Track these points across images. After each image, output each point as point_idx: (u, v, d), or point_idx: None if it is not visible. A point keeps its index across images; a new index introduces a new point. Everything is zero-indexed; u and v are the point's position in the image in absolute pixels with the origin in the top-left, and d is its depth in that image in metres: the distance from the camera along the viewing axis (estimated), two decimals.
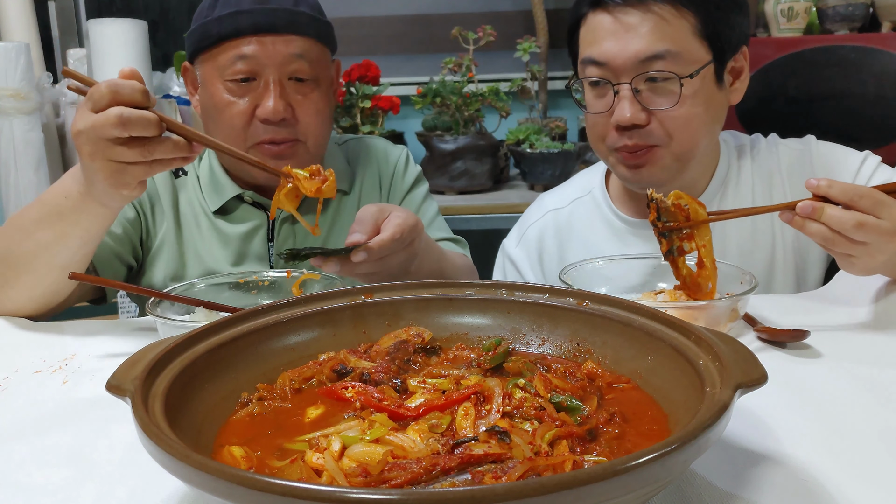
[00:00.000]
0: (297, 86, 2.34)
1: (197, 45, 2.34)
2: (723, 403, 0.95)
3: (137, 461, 1.28)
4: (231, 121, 2.31)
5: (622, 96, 2.20)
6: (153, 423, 0.96)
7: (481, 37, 4.66)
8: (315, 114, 2.36)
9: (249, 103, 2.30)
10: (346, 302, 1.51)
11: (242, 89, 2.30)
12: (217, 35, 2.27)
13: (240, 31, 2.26)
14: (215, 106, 2.33)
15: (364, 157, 2.76)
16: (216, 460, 0.98)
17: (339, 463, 1.02)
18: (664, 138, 2.21)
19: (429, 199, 2.82)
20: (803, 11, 4.43)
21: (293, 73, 2.32)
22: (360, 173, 2.72)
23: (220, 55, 2.30)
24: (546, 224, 2.68)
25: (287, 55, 2.28)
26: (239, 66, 2.27)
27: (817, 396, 1.50)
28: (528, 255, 2.68)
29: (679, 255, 1.92)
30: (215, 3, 2.30)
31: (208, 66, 2.34)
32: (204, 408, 1.19)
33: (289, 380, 1.33)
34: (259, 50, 2.26)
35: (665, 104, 2.17)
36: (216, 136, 2.37)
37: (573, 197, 2.67)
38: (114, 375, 1.11)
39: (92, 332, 2.03)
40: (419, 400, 1.22)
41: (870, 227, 1.70)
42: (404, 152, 2.85)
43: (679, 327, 1.25)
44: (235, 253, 2.48)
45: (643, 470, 0.82)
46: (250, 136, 2.32)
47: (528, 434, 1.08)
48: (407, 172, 2.79)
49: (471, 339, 1.51)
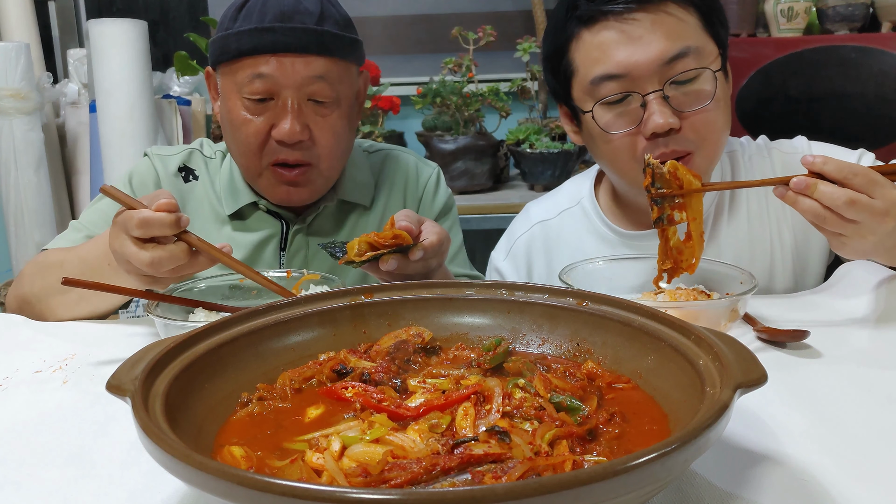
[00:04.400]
0: (315, 107, 2.27)
1: (217, 56, 2.29)
2: (723, 403, 0.95)
3: (138, 461, 1.28)
4: (247, 139, 2.27)
5: (653, 105, 2.09)
6: (153, 423, 0.96)
7: (481, 37, 4.66)
8: (332, 136, 2.31)
9: (266, 122, 2.25)
10: (346, 302, 1.51)
11: (260, 108, 2.24)
12: (236, 51, 2.22)
13: (259, 48, 2.19)
14: (232, 122, 2.29)
15: (392, 172, 2.69)
16: (216, 460, 0.98)
17: (339, 463, 1.02)
18: (697, 142, 2.13)
19: (455, 230, 2.74)
20: (803, 11, 4.43)
21: (312, 95, 2.25)
22: (386, 189, 2.65)
23: (238, 71, 2.24)
24: (534, 236, 2.62)
25: (307, 77, 2.21)
26: (257, 84, 2.21)
27: (817, 396, 1.50)
28: (515, 269, 2.63)
29: (669, 224, 1.91)
30: (237, 15, 2.23)
31: (227, 80, 2.29)
32: (204, 408, 1.19)
33: (289, 380, 1.33)
34: (278, 70, 2.20)
35: (696, 104, 2.11)
36: (233, 150, 2.37)
37: (562, 208, 2.61)
38: (114, 375, 1.11)
39: (92, 332, 2.03)
40: (419, 400, 1.22)
41: (861, 205, 1.69)
42: (436, 172, 2.76)
43: (679, 327, 1.25)
44: (246, 261, 2.44)
45: (643, 470, 0.82)
46: (266, 155, 2.28)
47: (528, 434, 1.08)
48: (437, 195, 2.72)
49: (471, 338, 1.51)
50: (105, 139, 4.26)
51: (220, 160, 2.56)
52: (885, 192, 1.71)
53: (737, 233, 2.37)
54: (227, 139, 2.39)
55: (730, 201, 2.39)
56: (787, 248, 2.37)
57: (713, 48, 2.14)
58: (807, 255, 2.37)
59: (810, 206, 1.74)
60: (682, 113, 2.10)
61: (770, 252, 2.38)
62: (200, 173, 2.54)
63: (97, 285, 1.87)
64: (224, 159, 2.56)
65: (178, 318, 1.86)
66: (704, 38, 2.12)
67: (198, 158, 2.56)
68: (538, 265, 2.60)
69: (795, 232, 2.35)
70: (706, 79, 2.11)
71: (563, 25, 2.21)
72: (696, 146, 2.13)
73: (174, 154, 2.56)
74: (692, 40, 2.09)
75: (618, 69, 2.11)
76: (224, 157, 2.56)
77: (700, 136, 2.12)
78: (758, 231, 2.37)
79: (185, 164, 2.54)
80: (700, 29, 2.12)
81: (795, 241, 2.36)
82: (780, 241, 2.37)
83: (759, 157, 2.44)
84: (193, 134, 4.71)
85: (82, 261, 2.08)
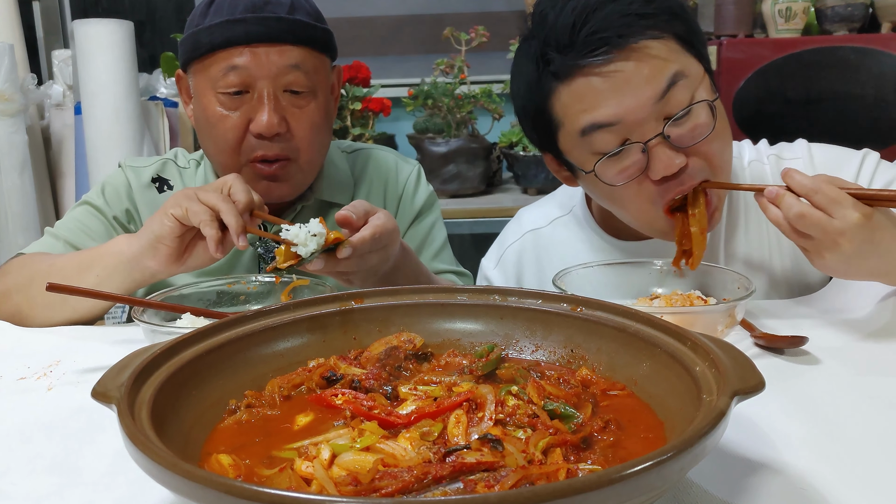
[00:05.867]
0: (292, 98, 2.27)
1: (188, 54, 2.30)
2: (720, 411, 0.95)
3: (124, 470, 1.28)
4: (224, 135, 2.26)
5: (657, 149, 1.99)
6: (140, 431, 0.96)
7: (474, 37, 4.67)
8: (310, 127, 2.31)
9: (242, 117, 2.25)
10: (336, 307, 1.51)
11: (235, 102, 2.24)
12: (208, 45, 2.22)
13: (231, 41, 2.20)
14: (208, 119, 2.28)
15: (371, 171, 2.68)
16: (204, 469, 0.98)
17: (329, 471, 1.02)
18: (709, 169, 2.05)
19: (438, 226, 2.73)
20: (801, 12, 4.43)
21: (288, 86, 2.25)
22: (365, 188, 2.65)
23: (211, 66, 2.24)
24: (525, 245, 2.58)
25: (282, 66, 2.22)
26: (231, 78, 2.21)
27: (816, 404, 1.50)
28: (505, 278, 2.59)
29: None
30: (207, 11, 2.24)
31: (200, 77, 2.29)
32: (191, 415, 1.19)
33: (278, 386, 1.33)
34: (252, 61, 2.20)
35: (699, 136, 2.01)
36: (209, 149, 2.37)
37: (554, 216, 2.57)
38: (100, 382, 1.11)
39: (77, 338, 2.03)
40: (410, 407, 1.22)
41: (810, 221, 1.72)
42: (416, 169, 2.75)
43: (675, 333, 1.25)
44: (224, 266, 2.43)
45: (638, 479, 0.82)
46: (244, 151, 2.28)
47: (522, 442, 1.08)
48: (417, 193, 2.71)
49: (463, 345, 1.50)
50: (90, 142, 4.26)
51: (195, 169, 2.56)
52: (846, 213, 1.72)
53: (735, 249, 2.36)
54: (202, 139, 2.39)
55: (727, 211, 2.36)
56: (787, 261, 2.34)
57: (698, 66, 2.05)
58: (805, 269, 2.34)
59: (775, 215, 1.79)
60: (686, 148, 2.01)
61: (769, 266, 2.36)
62: (175, 183, 2.54)
63: (83, 291, 1.87)
64: (199, 168, 2.56)
65: (164, 324, 1.85)
66: (688, 60, 2.03)
67: (172, 169, 2.56)
68: (529, 275, 2.57)
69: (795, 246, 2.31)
70: (703, 109, 2.03)
71: (536, 80, 2.11)
72: (709, 173, 2.06)
73: (147, 165, 2.56)
74: (677, 65, 2.00)
75: (610, 119, 2.00)
76: (199, 166, 2.56)
77: (710, 163, 2.05)
78: (756, 246, 2.36)
79: (158, 175, 2.53)
80: (681, 52, 2.03)
81: (795, 255, 2.32)
82: (779, 255, 2.35)
83: (758, 163, 2.41)
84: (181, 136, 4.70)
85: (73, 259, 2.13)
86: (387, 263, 2.03)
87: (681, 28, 2.03)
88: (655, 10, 1.99)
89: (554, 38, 2.02)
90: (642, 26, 1.97)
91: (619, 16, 1.96)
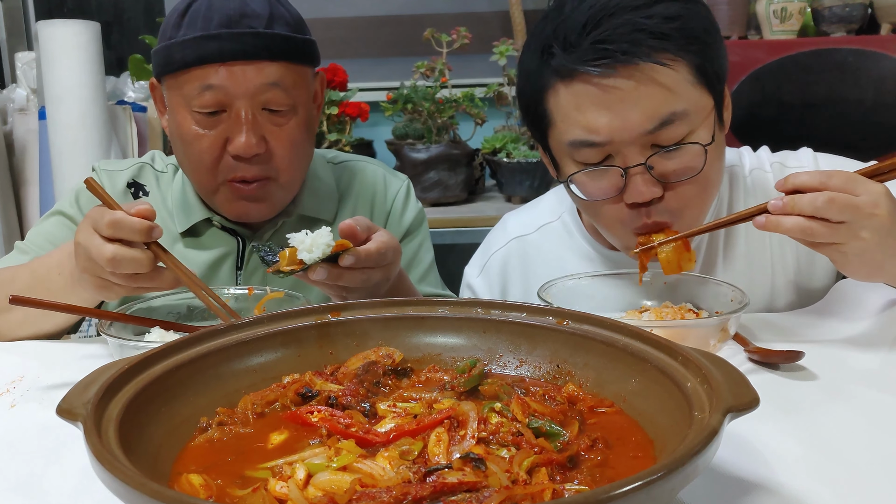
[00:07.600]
0: (271, 116, 2.23)
1: (161, 68, 2.26)
2: (712, 428, 0.96)
3: (90, 490, 1.28)
4: (200, 155, 2.23)
5: (636, 177, 2.00)
6: (107, 450, 0.96)
7: (455, 39, 4.67)
8: (291, 146, 2.27)
9: (219, 136, 2.21)
10: (312, 321, 1.51)
11: (211, 122, 2.20)
12: (181, 61, 2.18)
13: (205, 58, 2.15)
14: (183, 138, 2.25)
15: (357, 185, 2.66)
16: (173, 489, 0.98)
17: (304, 492, 1.02)
18: (678, 213, 2.05)
19: (426, 247, 2.71)
20: (797, 12, 4.44)
21: (266, 104, 2.21)
22: (351, 203, 2.62)
23: (185, 84, 2.19)
24: (510, 252, 2.57)
25: (259, 84, 2.17)
26: (207, 97, 2.17)
27: (812, 421, 1.51)
28: (489, 287, 2.58)
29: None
30: (180, 22, 2.19)
31: (174, 93, 2.25)
32: (161, 433, 1.19)
33: (251, 403, 1.33)
34: (228, 80, 2.16)
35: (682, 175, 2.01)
36: (185, 166, 2.35)
37: (541, 222, 2.56)
38: (65, 399, 1.11)
39: (41, 353, 2.02)
40: (389, 425, 1.22)
41: (841, 202, 1.70)
42: (405, 185, 2.73)
43: (665, 348, 1.25)
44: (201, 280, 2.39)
45: (627, 499, 0.82)
46: (221, 171, 2.24)
47: (505, 461, 1.08)
48: (406, 211, 2.69)
49: (444, 360, 1.51)
50: (55, 148, 4.24)
51: (173, 174, 2.54)
52: (868, 187, 1.72)
53: (734, 257, 2.34)
54: (178, 155, 2.37)
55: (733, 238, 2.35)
56: (790, 272, 2.33)
57: (706, 101, 2.03)
58: (810, 280, 2.34)
59: (794, 223, 1.74)
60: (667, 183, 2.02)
61: (771, 277, 2.34)
62: (151, 189, 2.52)
63: (47, 304, 1.86)
64: (176, 173, 2.53)
65: (133, 338, 1.85)
66: (696, 94, 2.00)
67: (148, 173, 2.54)
68: (514, 283, 2.56)
69: (799, 255, 2.31)
70: (695, 151, 2.01)
71: (537, 70, 2.10)
72: (677, 218, 2.05)
73: (123, 169, 2.54)
74: (680, 102, 1.97)
75: (597, 138, 2.00)
76: (177, 171, 2.53)
77: (682, 206, 2.04)
78: (757, 255, 2.34)
79: (134, 180, 2.52)
80: (691, 83, 1.99)
81: (798, 265, 2.32)
82: (782, 265, 2.33)
83: (760, 171, 2.39)
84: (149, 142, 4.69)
85: (31, 271, 2.10)
86: (387, 283, 2.03)
87: (698, 57, 1.99)
88: (673, 32, 1.95)
89: (563, 33, 2.00)
90: (653, 47, 1.94)
91: (630, 29, 1.93)
